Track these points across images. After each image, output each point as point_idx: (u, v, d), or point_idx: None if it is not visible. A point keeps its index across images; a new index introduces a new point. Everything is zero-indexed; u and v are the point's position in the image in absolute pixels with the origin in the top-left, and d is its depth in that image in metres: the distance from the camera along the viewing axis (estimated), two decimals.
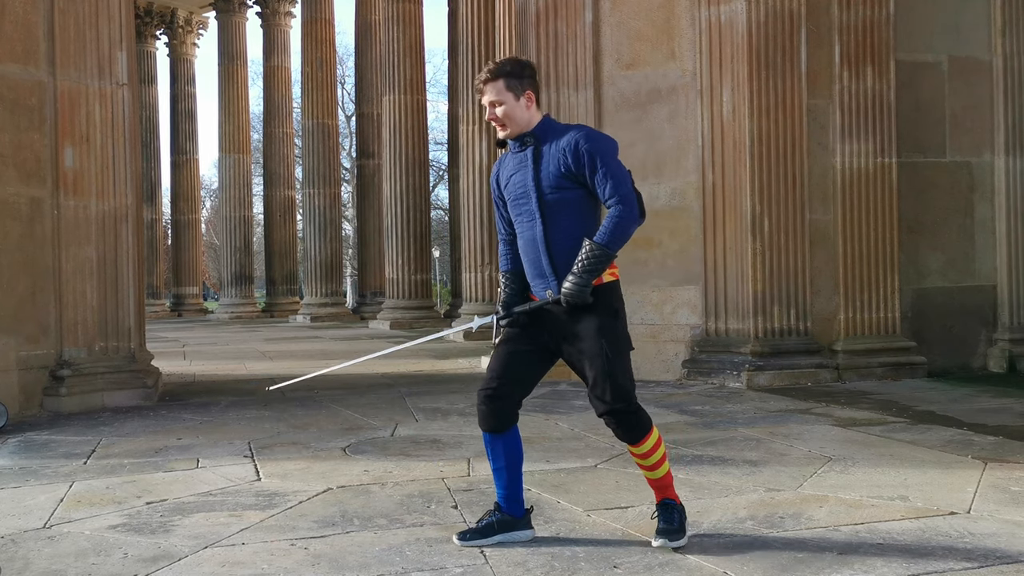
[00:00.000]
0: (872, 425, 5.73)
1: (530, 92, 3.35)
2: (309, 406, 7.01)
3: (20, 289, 6.92)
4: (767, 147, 7.77)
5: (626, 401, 3.27)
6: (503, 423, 3.39)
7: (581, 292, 3.20)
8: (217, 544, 3.48)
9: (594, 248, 3.20)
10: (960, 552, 3.22)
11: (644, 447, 3.33)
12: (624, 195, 3.21)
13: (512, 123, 3.35)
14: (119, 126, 7.39)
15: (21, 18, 6.97)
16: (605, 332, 3.27)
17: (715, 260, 7.93)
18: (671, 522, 3.32)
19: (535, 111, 3.37)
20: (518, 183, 3.35)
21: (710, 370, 7.81)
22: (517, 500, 3.45)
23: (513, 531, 3.42)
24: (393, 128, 18.15)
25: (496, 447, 3.42)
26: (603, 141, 3.30)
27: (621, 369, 3.28)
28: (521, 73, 3.36)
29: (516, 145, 3.37)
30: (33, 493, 4.39)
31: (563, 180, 3.27)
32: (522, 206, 3.35)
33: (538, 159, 3.31)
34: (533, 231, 3.32)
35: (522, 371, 3.39)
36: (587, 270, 3.20)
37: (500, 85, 3.33)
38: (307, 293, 22.79)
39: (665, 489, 3.39)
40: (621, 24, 8.41)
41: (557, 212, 3.29)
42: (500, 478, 3.45)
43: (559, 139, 3.29)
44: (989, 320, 8.69)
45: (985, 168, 8.67)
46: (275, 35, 25.10)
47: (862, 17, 8.05)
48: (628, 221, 3.22)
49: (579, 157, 3.23)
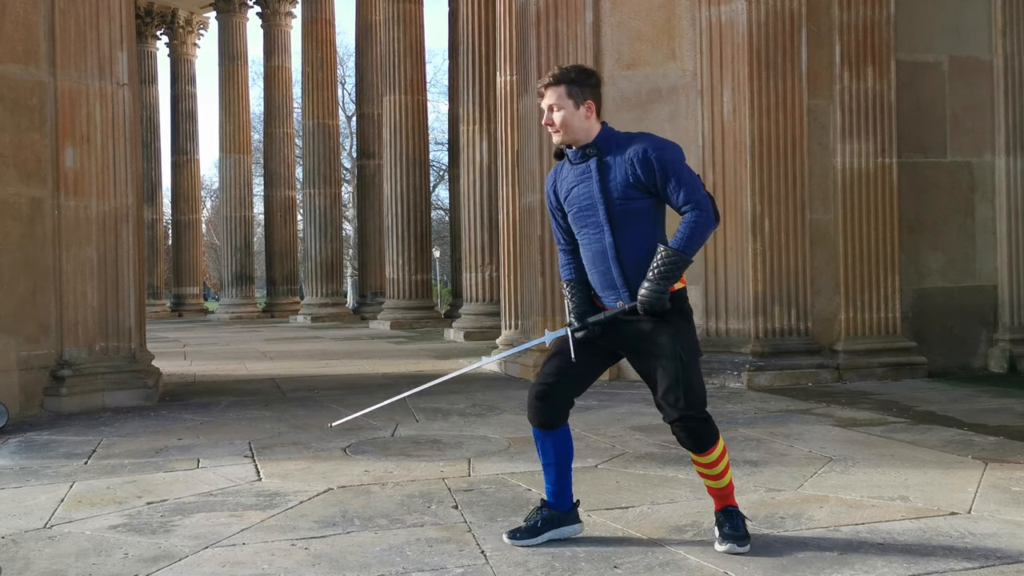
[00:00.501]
0: (873, 425, 5.72)
1: (590, 102, 3.31)
2: (310, 406, 7.01)
3: (21, 289, 6.92)
4: (767, 147, 7.77)
5: (699, 408, 3.25)
6: (554, 420, 3.38)
7: (659, 299, 3.16)
8: (218, 544, 3.48)
9: (670, 254, 3.16)
10: (961, 552, 3.21)
11: (710, 457, 3.31)
12: (699, 200, 3.18)
13: (568, 130, 3.31)
14: (120, 126, 7.39)
15: (22, 18, 6.97)
16: (680, 338, 3.24)
17: (715, 260, 7.93)
18: (737, 528, 3.28)
19: (594, 121, 3.33)
20: (582, 195, 3.30)
21: (710, 370, 7.80)
22: (565, 495, 3.45)
23: (561, 527, 3.42)
24: (394, 128, 18.16)
25: (546, 443, 3.42)
26: (671, 149, 3.26)
27: (696, 373, 3.27)
28: (584, 82, 3.33)
29: (577, 156, 3.33)
30: (34, 493, 4.39)
31: (631, 190, 3.23)
32: (588, 217, 3.30)
33: (603, 170, 3.27)
34: (602, 242, 3.28)
35: (577, 371, 3.36)
36: (664, 276, 3.16)
37: (561, 91, 3.30)
38: (307, 293, 22.80)
39: (727, 498, 3.36)
40: (621, 24, 8.41)
41: (626, 222, 3.25)
42: (549, 474, 3.45)
43: (624, 149, 3.26)
44: (989, 320, 8.69)
45: (986, 168, 8.67)
46: (276, 35, 25.12)
47: (863, 17, 8.05)
48: (704, 225, 3.18)
49: (649, 166, 3.19)
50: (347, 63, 40.38)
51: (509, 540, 3.39)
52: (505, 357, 3.98)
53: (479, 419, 6.24)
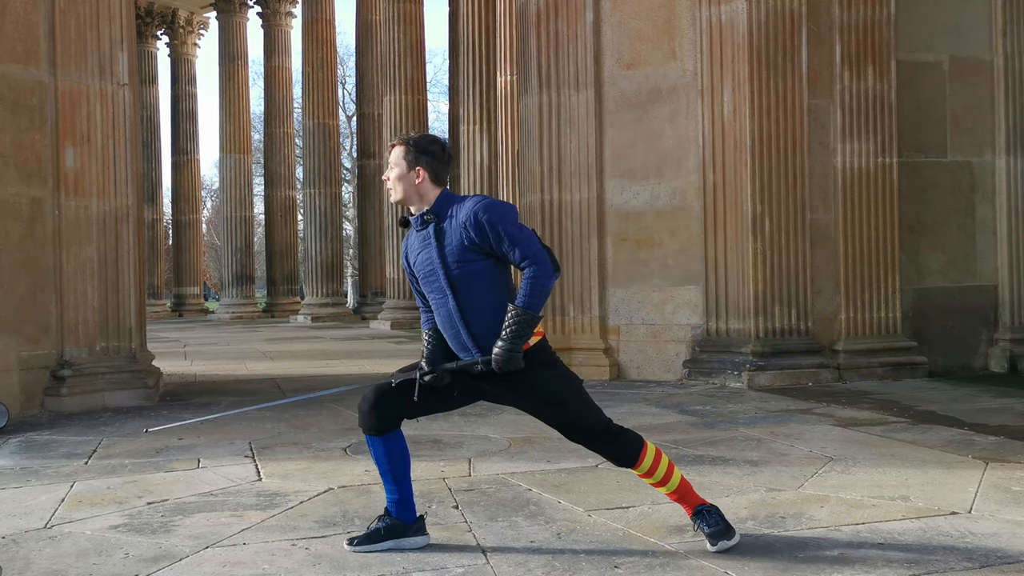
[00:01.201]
0: (873, 425, 5.72)
1: (420, 169, 3.34)
2: (310, 406, 7.01)
3: (21, 289, 6.92)
4: (768, 147, 7.76)
5: (603, 428, 3.32)
6: (384, 427, 3.38)
7: (512, 358, 3.19)
8: (218, 544, 3.48)
9: (519, 313, 3.19)
10: (961, 552, 3.21)
11: (643, 467, 3.33)
12: (534, 254, 3.20)
13: (398, 189, 3.37)
14: (120, 126, 7.39)
15: (22, 18, 6.97)
16: (552, 381, 3.31)
17: (716, 260, 7.93)
18: (716, 524, 3.29)
19: (429, 187, 3.35)
20: (425, 261, 3.34)
21: (711, 370, 7.80)
22: (407, 505, 3.42)
23: (404, 537, 3.38)
24: (394, 128, 18.14)
25: (377, 449, 3.41)
26: (500, 208, 3.29)
27: (584, 405, 3.33)
28: (423, 148, 3.37)
29: (418, 222, 3.37)
30: (34, 493, 4.39)
31: (468, 253, 3.26)
32: (432, 283, 3.34)
33: (440, 236, 3.30)
34: (447, 306, 3.32)
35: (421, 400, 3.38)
36: (516, 335, 3.19)
37: (400, 151, 3.38)
38: (308, 293, 22.79)
39: (688, 497, 3.38)
40: (622, 24, 8.41)
41: (467, 285, 3.28)
42: (387, 482, 3.43)
43: (458, 214, 3.28)
44: (990, 320, 8.69)
45: (986, 168, 8.67)
46: (276, 35, 25.11)
47: (863, 17, 8.05)
48: (544, 278, 3.21)
49: (481, 228, 3.21)
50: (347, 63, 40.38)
51: (348, 546, 3.37)
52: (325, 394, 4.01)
53: (479, 419, 6.24)
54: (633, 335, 8.35)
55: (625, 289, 8.38)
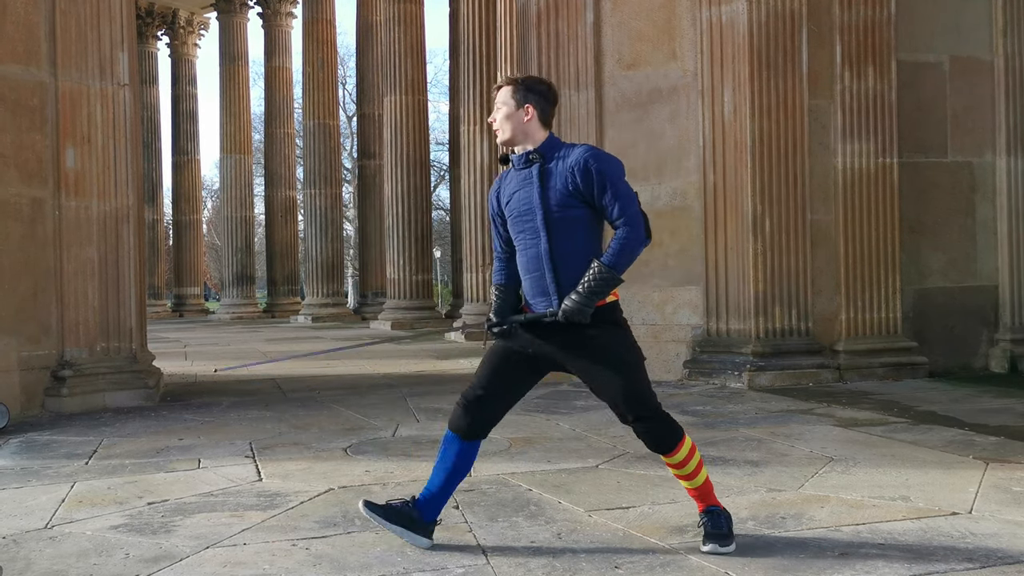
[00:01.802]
0: (873, 425, 5.72)
1: (530, 107, 3.35)
2: (310, 406, 7.02)
3: (22, 289, 6.92)
4: (768, 147, 7.76)
5: (651, 408, 3.29)
6: (474, 432, 3.39)
7: (582, 311, 3.19)
8: (218, 544, 3.48)
9: (602, 270, 3.20)
10: (962, 552, 3.21)
11: (678, 456, 3.32)
12: (632, 216, 3.21)
13: (506, 129, 3.37)
14: (120, 126, 7.39)
15: (22, 19, 6.98)
16: (618, 344, 3.28)
17: (716, 260, 7.93)
18: (720, 527, 3.28)
19: (537, 127, 3.36)
20: (522, 200, 3.34)
21: (711, 370, 7.80)
22: (435, 505, 3.40)
23: (412, 530, 3.36)
24: (394, 128, 18.16)
25: (450, 448, 3.41)
26: (612, 162, 3.29)
27: (640, 377, 3.29)
28: (531, 87, 3.39)
29: (520, 161, 3.37)
30: (35, 493, 4.39)
31: (570, 198, 3.26)
32: (526, 223, 3.33)
33: (544, 176, 3.30)
34: (537, 248, 3.31)
35: (506, 385, 3.39)
36: (592, 291, 3.20)
37: (507, 91, 3.38)
38: (308, 293, 22.80)
39: (707, 497, 3.37)
40: (622, 24, 8.41)
41: (562, 230, 3.28)
42: (437, 475, 3.42)
43: (566, 158, 3.28)
44: (990, 320, 8.69)
45: (986, 168, 8.67)
46: (276, 35, 25.13)
47: (863, 17, 8.05)
48: (635, 243, 3.22)
49: (587, 176, 3.22)
50: (348, 63, 40.43)
51: (363, 507, 3.40)
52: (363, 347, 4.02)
53: None
54: (634, 335, 8.32)
55: (625, 289, 8.26)
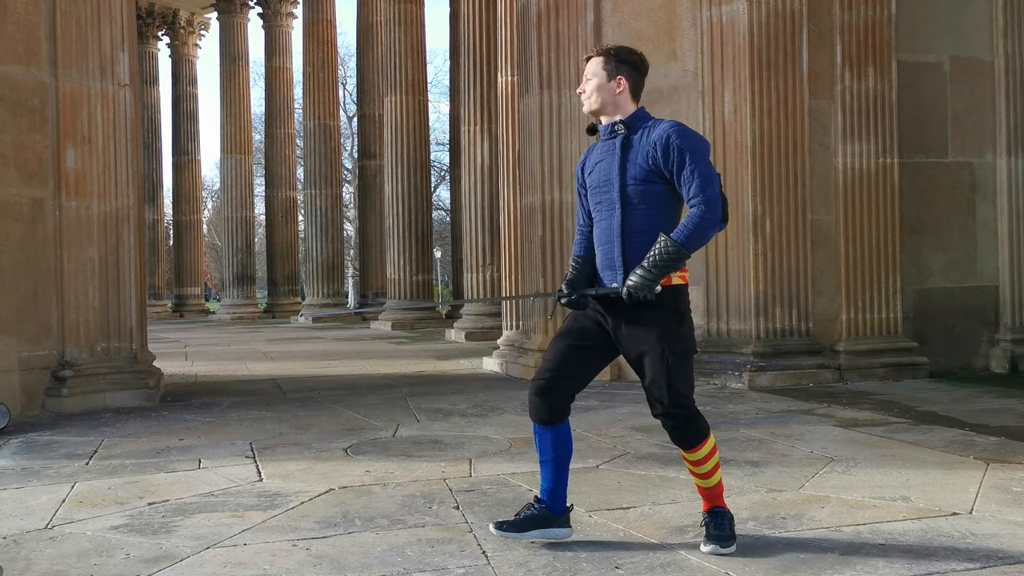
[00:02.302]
0: (874, 426, 5.72)
1: (622, 78, 3.31)
2: (311, 407, 7.02)
3: (22, 290, 6.93)
4: (768, 147, 7.76)
5: (684, 407, 3.24)
6: (554, 415, 3.32)
7: (646, 287, 3.11)
8: (219, 545, 3.48)
9: (669, 245, 3.11)
10: (962, 553, 3.21)
11: (698, 454, 3.29)
12: (710, 196, 3.13)
13: (594, 99, 3.33)
14: (121, 127, 7.39)
15: (23, 19, 6.98)
16: (668, 335, 3.20)
17: (716, 260, 7.93)
18: (722, 528, 3.26)
19: (627, 99, 3.32)
20: (603, 171, 3.30)
21: (712, 371, 7.80)
22: (560, 496, 3.38)
23: (551, 527, 3.36)
24: (395, 129, 18.16)
25: (545, 439, 3.35)
26: (696, 139, 3.22)
27: (682, 374, 3.23)
28: (623, 58, 3.35)
29: (606, 131, 3.33)
30: (35, 494, 4.39)
31: (649, 173, 3.20)
32: (603, 194, 3.29)
33: (626, 148, 3.26)
34: (611, 220, 3.26)
35: (578, 366, 3.33)
36: (657, 265, 3.12)
37: (599, 61, 3.35)
38: (309, 294, 22.80)
39: (715, 499, 3.34)
40: (622, 24, 8.41)
41: (638, 204, 3.22)
42: (546, 471, 3.38)
43: (651, 132, 3.23)
44: (991, 320, 8.69)
45: (987, 168, 8.67)
46: (277, 36, 25.13)
47: (864, 17, 8.05)
48: (709, 223, 3.13)
49: (668, 151, 3.16)
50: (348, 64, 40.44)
51: (495, 530, 3.36)
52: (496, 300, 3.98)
53: (480, 419, 6.24)
54: None
55: None
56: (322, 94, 22.52)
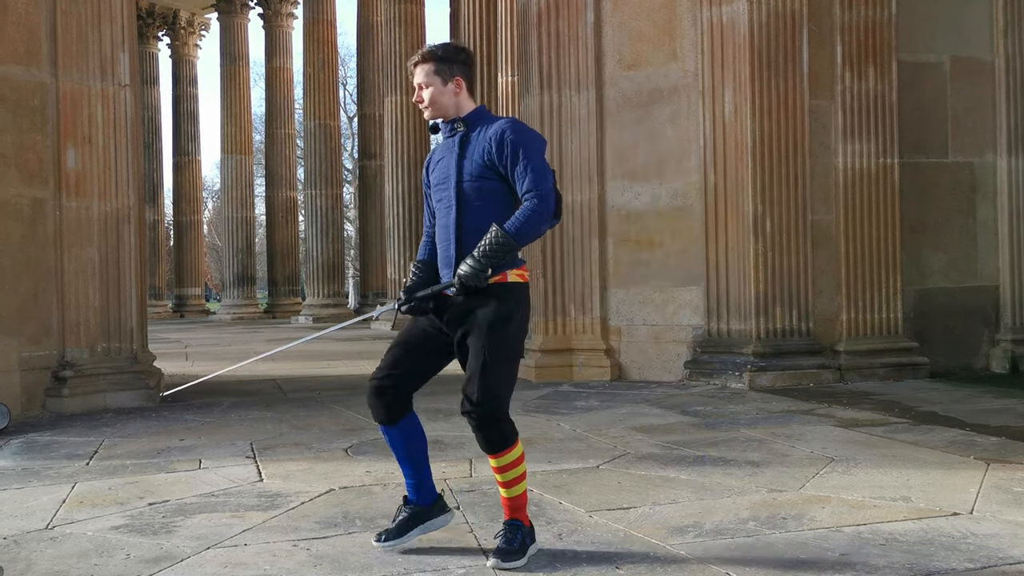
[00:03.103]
0: (874, 426, 5.72)
1: (459, 78, 3.30)
2: (311, 407, 7.02)
3: (22, 290, 6.93)
4: (769, 147, 7.76)
5: (491, 407, 3.18)
6: (393, 415, 3.33)
7: (475, 275, 3.09)
8: (219, 545, 3.49)
9: (499, 235, 3.09)
10: (962, 553, 3.21)
11: (502, 460, 3.21)
12: (542, 191, 3.12)
13: (436, 107, 3.31)
14: (121, 127, 7.39)
15: (23, 19, 6.98)
16: (491, 332, 3.16)
17: (717, 260, 7.93)
18: (512, 542, 3.17)
19: (465, 98, 3.31)
20: (443, 168, 3.30)
21: (712, 371, 7.80)
22: (426, 487, 3.38)
23: (428, 520, 3.36)
24: (395, 129, 18.16)
25: (393, 438, 3.37)
26: (531, 134, 3.23)
27: (497, 375, 3.16)
28: (452, 59, 3.32)
29: (447, 129, 3.32)
30: (35, 494, 4.39)
31: (485, 169, 3.19)
32: (442, 191, 3.28)
33: (464, 145, 3.25)
34: (448, 218, 3.25)
35: (413, 363, 3.33)
36: (486, 255, 3.09)
37: (429, 68, 3.30)
38: (309, 294, 22.79)
39: (517, 511, 3.24)
40: (623, 24, 8.41)
41: (474, 201, 3.21)
42: (405, 469, 3.39)
43: (488, 128, 3.23)
44: (991, 320, 8.69)
45: (987, 168, 8.66)
46: (277, 36, 25.11)
47: (864, 17, 8.05)
48: (540, 217, 3.12)
49: (503, 147, 3.15)
50: (348, 64, 40.45)
51: (377, 543, 3.33)
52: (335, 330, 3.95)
53: None
54: (634, 336, 8.35)
55: (626, 290, 8.39)
56: (322, 94, 22.51)
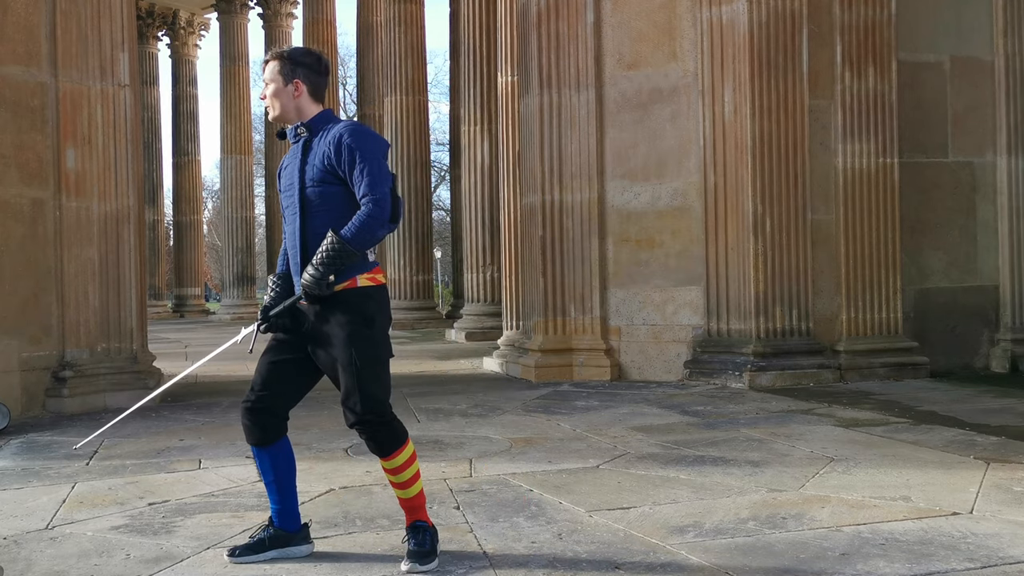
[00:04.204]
0: (874, 425, 5.72)
1: (299, 82, 3.24)
2: (311, 407, 6.99)
3: (22, 290, 6.92)
4: (769, 147, 7.76)
5: (377, 412, 3.13)
6: (268, 436, 3.26)
7: (316, 283, 3.06)
8: (219, 545, 3.48)
9: (335, 241, 3.06)
10: (962, 552, 3.21)
11: (395, 461, 3.18)
12: (378, 196, 3.08)
13: (275, 106, 3.27)
14: (121, 127, 7.39)
15: (23, 19, 6.98)
16: (355, 339, 3.12)
17: (717, 260, 7.93)
18: (422, 544, 3.16)
19: (307, 101, 3.26)
20: (288, 174, 3.26)
21: (712, 370, 7.80)
22: (291, 514, 3.32)
23: (288, 546, 3.29)
24: (395, 129, 18.15)
25: (263, 461, 3.31)
26: (369, 137, 3.18)
27: (373, 378, 3.13)
28: (298, 61, 3.27)
29: (292, 135, 3.27)
30: (36, 494, 4.39)
31: (326, 174, 3.15)
32: (289, 198, 3.24)
33: (307, 151, 3.21)
34: (294, 225, 3.21)
35: (284, 382, 3.26)
36: (323, 262, 3.06)
37: (274, 67, 3.28)
38: None
39: (416, 511, 3.24)
40: (623, 24, 8.41)
41: (317, 207, 3.16)
42: (272, 492, 3.33)
43: (328, 133, 3.18)
44: (991, 320, 8.69)
45: (987, 168, 8.67)
46: (277, 36, 25.09)
47: (864, 17, 8.05)
48: (376, 222, 3.08)
49: (340, 151, 3.12)
50: (348, 64, 40.44)
51: (229, 558, 3.26)
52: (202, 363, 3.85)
53: (480, 419, 6.24)
54: (634, 336, 8.35)
55: (626, 290, 8.39)
56: None
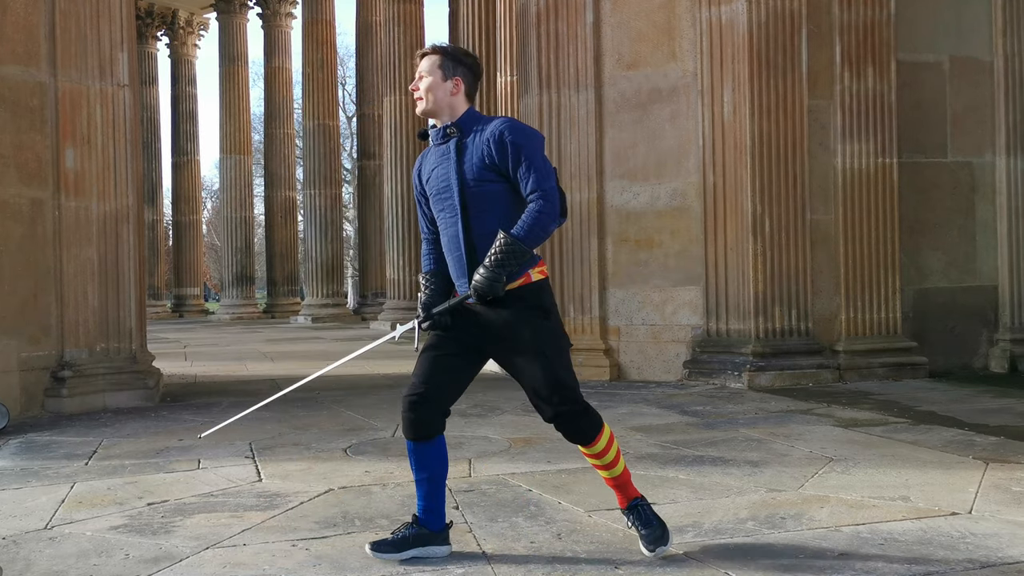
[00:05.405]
0: (873, 425, 5.72)
1: (459, 79, 3.24)
2: (310, 407, 7.01)
3: (22, 290, 6.92)
4: (768, 147, 7.76)
5: (573, 400, 3.14)
6: (429, 431, 3.23)
7: (490, 285, 3.03)
8: (218, 545, 3.48)
9: (507, 240, 3.03)
10: (962, 553, 3.21)
11: (598, 447, 3.20)
12: (547, 190, 3.06)
13: (429, 99, 3.26)
14: (120, 127, 7.39)
15: (22, 19, 6.98)
16: (540, 332, 3.12)
17: (716, 260, 7.93)
18: (651, 524, 3.21)
19: (461, 100, 3.25)
20: (440, 177, 3.21)
21: (711, 370, 7.80)
22: (437, 513, 3.29)
23: (430, 545, 3.26)
24: (394, 129, 18.17)
25: (420, 455, 3.26)
26: (529, 133, 3.17)
27: (562, 368, 3.13)
28: (459, 59, 3.28)
29: (438, 137, 3.25)
30: (35, 494, 4.39)
31: (486, 172, 3.12)
32: (444, 201, 3.20)
33: (461, 151, 3.17)
34: (456, 227, 3.17)
35: (448, 377, 3.22)
36: (498, 263, 3.03)
37: (435, 60, 3.28)
38: (308, 294, 22.79)
39: (626, 487, 3.28)
40: (622, 24, 8.41)
41: (480, 206, 3.14)
42: (421, 489, 3.30)
43: (483, 130, 3.16)
44: (990, 320, 8.69)
45: (986, 168, 8.67)
46: (276, 36, 25.11)
47: (863, 17, 8.06)
48: (548, 217, 3.06)
49: (503, 148, 3.09)
50: (347, 64, 40.44)
51: (371, 552, 3.25)
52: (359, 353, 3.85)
53: (480, 419, 6.24)
54: (633, 336, 8.35)
55: (625, 290, 8.39)
56: (321, 94, 22.51)
